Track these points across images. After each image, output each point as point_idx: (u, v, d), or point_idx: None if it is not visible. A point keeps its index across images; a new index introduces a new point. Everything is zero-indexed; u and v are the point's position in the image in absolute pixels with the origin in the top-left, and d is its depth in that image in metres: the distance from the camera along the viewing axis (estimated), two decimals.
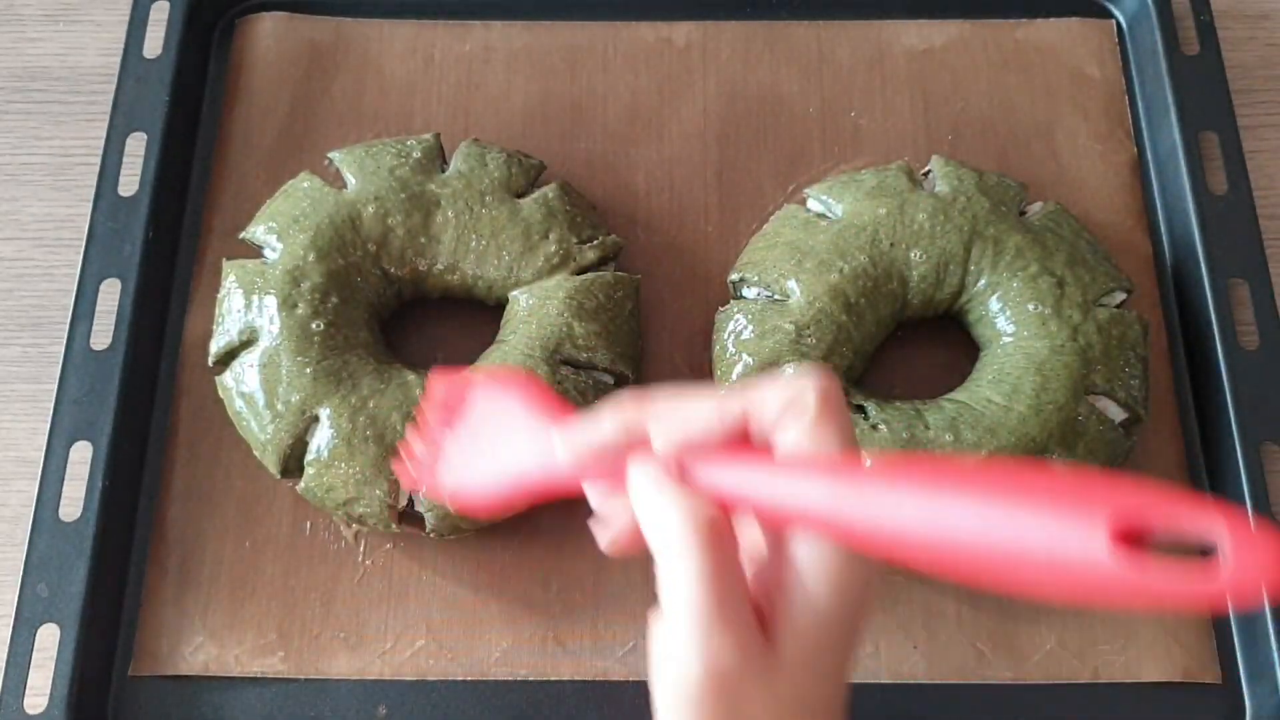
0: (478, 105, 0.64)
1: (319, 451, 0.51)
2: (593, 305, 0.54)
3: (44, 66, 0.67)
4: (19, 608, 0.51)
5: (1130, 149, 0.63)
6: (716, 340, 0.56)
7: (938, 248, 0.55)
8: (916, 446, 0.51)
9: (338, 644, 0.53)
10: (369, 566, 0.54)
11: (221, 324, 0.54)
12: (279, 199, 0.57)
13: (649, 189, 0.62)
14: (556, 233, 0.56)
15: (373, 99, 0.64)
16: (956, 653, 0.52)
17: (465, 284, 0.56)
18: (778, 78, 0.65)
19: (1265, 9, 0.68)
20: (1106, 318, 0.53)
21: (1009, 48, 0.66)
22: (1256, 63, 0.67)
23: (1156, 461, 0.56)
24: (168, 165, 0.61)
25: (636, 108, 0.64)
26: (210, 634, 0.53)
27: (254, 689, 0.52)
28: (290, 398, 0.51)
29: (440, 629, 0.53)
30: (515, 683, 0.52)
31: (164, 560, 0.54)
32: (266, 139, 0.63)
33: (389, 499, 0.51)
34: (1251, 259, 0.58)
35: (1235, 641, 0.53)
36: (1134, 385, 0.53)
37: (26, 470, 0.56)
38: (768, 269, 0.55)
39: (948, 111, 0.64)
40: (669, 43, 0.66)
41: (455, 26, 0.66)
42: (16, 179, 0.64)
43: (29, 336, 0.60)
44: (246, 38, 0.66)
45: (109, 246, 0.58)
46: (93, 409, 0.54)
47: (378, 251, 0.55)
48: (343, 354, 0.52)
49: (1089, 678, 0.52)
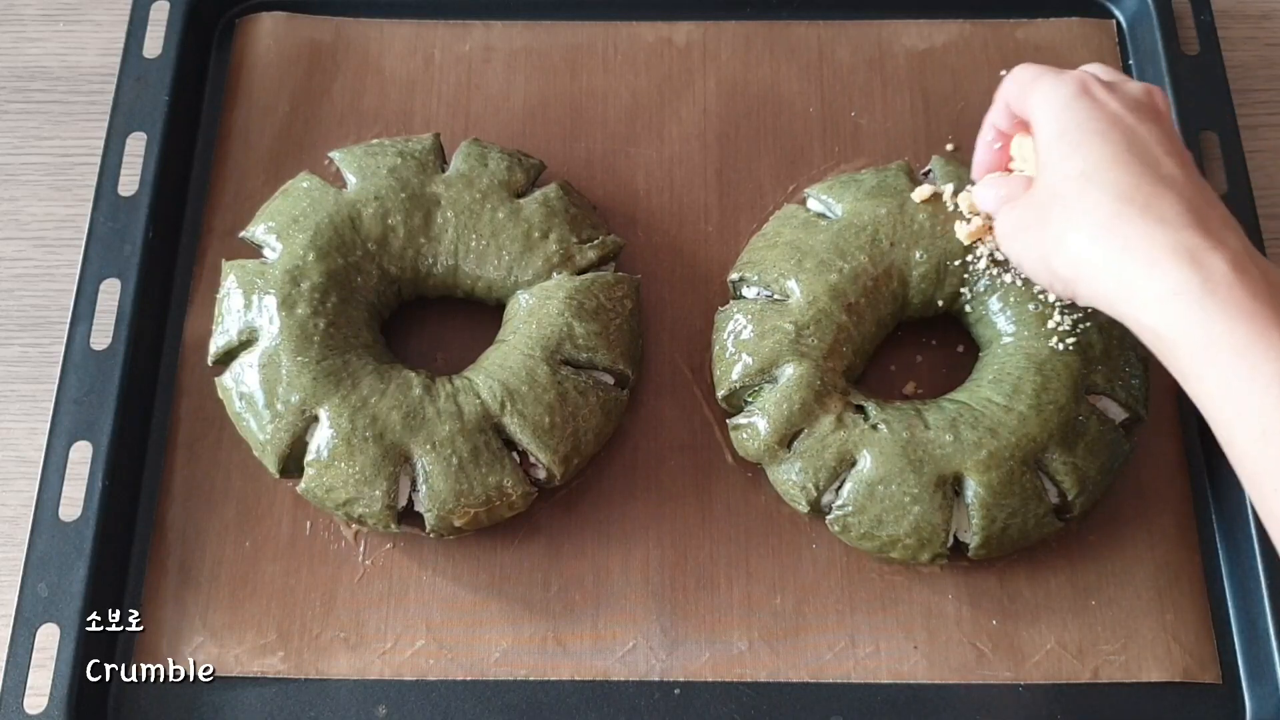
0: (478, 105, 0.64)
1: (319, 451, 0.51)
2: (593, 305, 0.54)
3: (44, 66, 0.67)
4: (19, 608, 0.51)
5: None
6: (716, 340, 0.56)
7: (938, 248, 0.55)
8: (916, 446, 0.51)
9: (338, 644, 0.53)
10: (369, 566, 0.54)
11: (221, 324, 0.54)
12: (279, 198, 0.57)
13: (649, 189, 0.62)
14: (557, 233, 0.56)
15: (373, 99, 0.64)
16: (956, 653, 0.52)
17: (465, 284, 0.56)
18: (778, 78, 0.65)
19: (1265, 9, 0.68)
20: (1107, 318, 0.53)
21: (1009, 48, 0.66)
22: (1256, 63, 0.67)
23: (1157, 461, 0.56)
24: (168, 165, 0.61)
25: (636, 108, 0.64)
26: (210, 634, 0.53)
27: (254, 689, 0.52)
28: (290, 397, 0.51)
29: (440, 629, 0.53)
30: (515, 683, 0.52)
31: (164, 560, 0.54)
32: (266, 139, 0.63)
33: (389, 499, 0.51)
34: None
35: (1235, 641, 0.53)
36: (1134, 385, 0.53)
37: (26, 470, 0.57)
38: (767, 269, 0.55)
39: (948, 111, 0.64)
40: (669, 43, 0.66)
41: (455, 26, 0.66)
42: (16, 179, 0.64)
43: (29, 336, 0.60)
44: (246, 38, 0.66)
45: (109, 246, 0.58)
46: (93, 409, 0.54)
47: (378, 251, 0.55)
48: (343, 354, 0.52)
49: (1089, 678, 0.52)
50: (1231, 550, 0.54)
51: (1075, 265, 0.45)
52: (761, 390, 0.53)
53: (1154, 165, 0.44)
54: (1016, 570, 0.54)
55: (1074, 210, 0.44)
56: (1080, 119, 0.46)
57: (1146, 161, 0.44)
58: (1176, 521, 0.55)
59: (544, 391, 0.52)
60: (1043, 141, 0.47)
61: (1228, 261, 0.41)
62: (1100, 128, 0.45)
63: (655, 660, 0.52)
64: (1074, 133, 0.45)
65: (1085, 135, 0.45)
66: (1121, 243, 0.43)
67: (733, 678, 0.52)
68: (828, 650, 0.52)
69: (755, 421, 0.52)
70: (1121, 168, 0.44)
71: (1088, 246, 0.44)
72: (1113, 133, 0.45)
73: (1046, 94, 0.47)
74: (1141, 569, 0.54)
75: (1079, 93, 0.46)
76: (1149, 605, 0.53)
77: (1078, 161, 0.45)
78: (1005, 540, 0.51)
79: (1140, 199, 0.43)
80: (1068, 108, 0.46)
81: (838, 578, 0.54)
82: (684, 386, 0.58)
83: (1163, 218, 0.42)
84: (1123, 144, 0.44)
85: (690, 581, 0.54)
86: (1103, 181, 0.44)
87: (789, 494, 0.53)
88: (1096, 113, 0.46)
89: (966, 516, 0.51)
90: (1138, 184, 0.43)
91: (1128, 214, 0.43)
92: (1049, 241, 0.46)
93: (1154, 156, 0.44)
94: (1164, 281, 0.41)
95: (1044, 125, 0.47)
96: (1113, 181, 0.44)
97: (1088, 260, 0.44)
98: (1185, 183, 0.44)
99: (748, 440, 0.53)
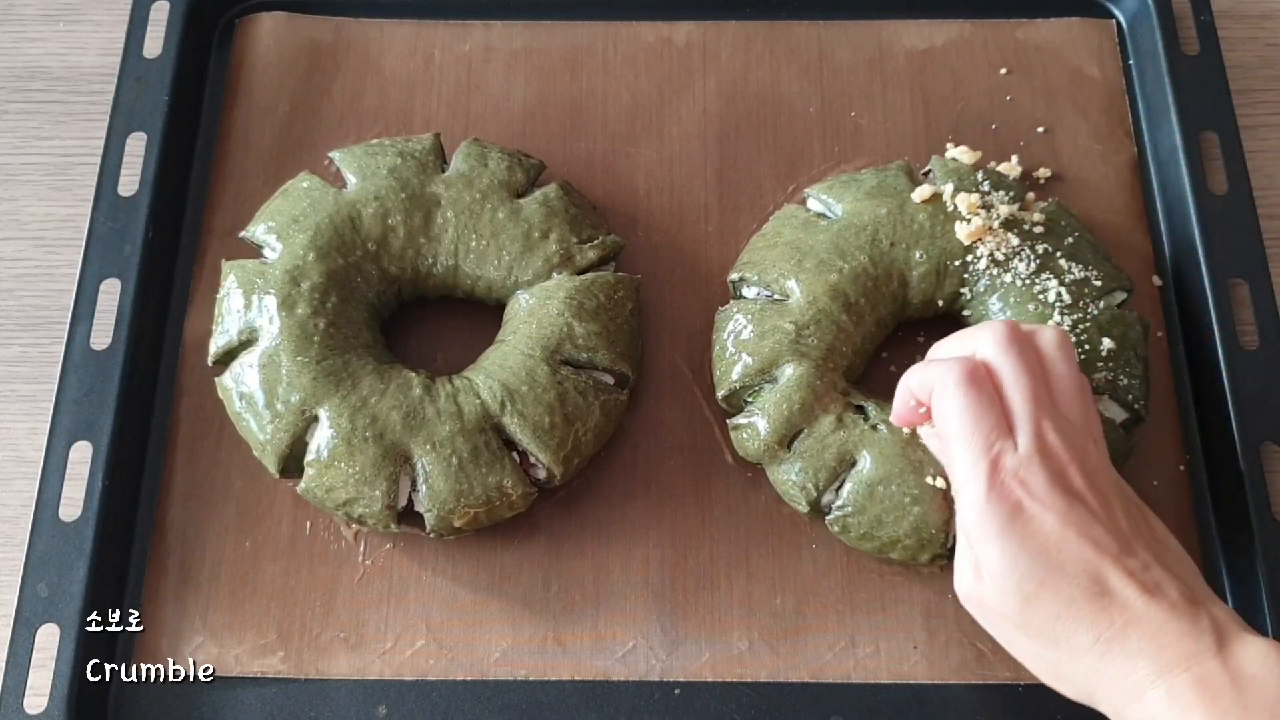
0: (478, 105, 0.64)
1: (319, 452, 0.51)
2: (593, 305, 0.54)
3: (44, 66, 0.67)
4: (19, 608, 0.51)
5: (1130, 149, 0.63)
6: (716, 340, 0.56)
7: (938, 248, 0.55)
8: (917, 447, 0.51)
9: (338, 644, 0.53)
10: (369, 566, 0.54)
11: (221, 324, 0.54)
12: (279, 198, 0.57)
13: (649, 189, 0.62)
14: (557, 233, 0.56)
15: (373, 99, 0.64)
16: (956, 653, 0.52)
17: (465, 284, 0.56)
18: (778, 78, 0.65)
19: (1265, 9, 0.68)
20: (1107, 318, 0.53)
21: (1009, 48, 0.66)
22: (1256, 63, 0.67)
23: (1157, 461, 0.56)
24: (168, 165, 0.61)
25: (636, 108, 0.64)
26: (210, 634, 0.53)
27: (254, 689, 0.52)
28: (290, 398, 0.51)
29: (440, 629, 0.53)
30: (515, 683, 0.52)
31: (164, 560, 0.54)
32: (266, 139, 0.63)
33: (389, 499, 0.51)
34: (1251, 259, 0.58)
35: None
36: (1135, 385, 0.53)
37: (26, 470, 0.57)
38: (767, 269, 0.55)
39: (948, 111, 0.64)
40: (669, 43, 0.66)
41: (455, 26, 0.66)
42: (16, 179, 0.64)
43: (29, 336, 0.60)
44: (246, 38, 0.66)
45: (109, 246, 0.58)
46: (93, 409, 0.54)
47: (378, 251, 0.55)
48: (342, 354, 0.52)
49: None
50: (1231, 550, 0.54)
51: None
52: (761, 390, 0.53)
53: (1098, 579, 0.41)
54: None
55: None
56: (1007, 535, 0.42)
57: (1090, 577, 0.41)
58: (1177, 522, 0.55)
59: (544, 392, 0.52)
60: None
61: (1194, 683, 0.39)
62: (1033, 550, 0.41)
63: (655, 660, 0.52)
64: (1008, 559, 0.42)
65: (1023, 564, 0.41)
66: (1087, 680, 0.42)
67: (733, 678, 0.52)
68: (828, 650, 0.52)
69: (755, 422, 0.52)
70: (1071, 608, 0.41)
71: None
72: (1044, 557, 0.41)
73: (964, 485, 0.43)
74: None
75: (991, 490, 0.42)
76: None
77: (1012, 586, 0.42)
78: None
79: (1101, 645, 0.41)
80: (987, 517, 0.42)
81: (838, 578, 0.54)
82: (684, 386, 0.58)
83: (1126, 653, 0.40)
84: (1054, 569, 0.41)
85: (690, 581, 0.54)
86: (1047, 619, 0.42)
87: (789, 494, 0.53)
88: (1025, 528, 0.42)
89: None
90: (1094, 623, 0.41)
91: (1097, 654, 0.41)
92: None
93: (1097, 570, 0.41)
94: (1144, 713, 0.40)
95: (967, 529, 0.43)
96: (1064, 619, 0.41)
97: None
98: (1137, 589, 0.41)
99: (748, 440, 0.53)
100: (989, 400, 0.43)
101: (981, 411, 0.43)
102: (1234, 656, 0.40)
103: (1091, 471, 0.43)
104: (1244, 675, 0.39)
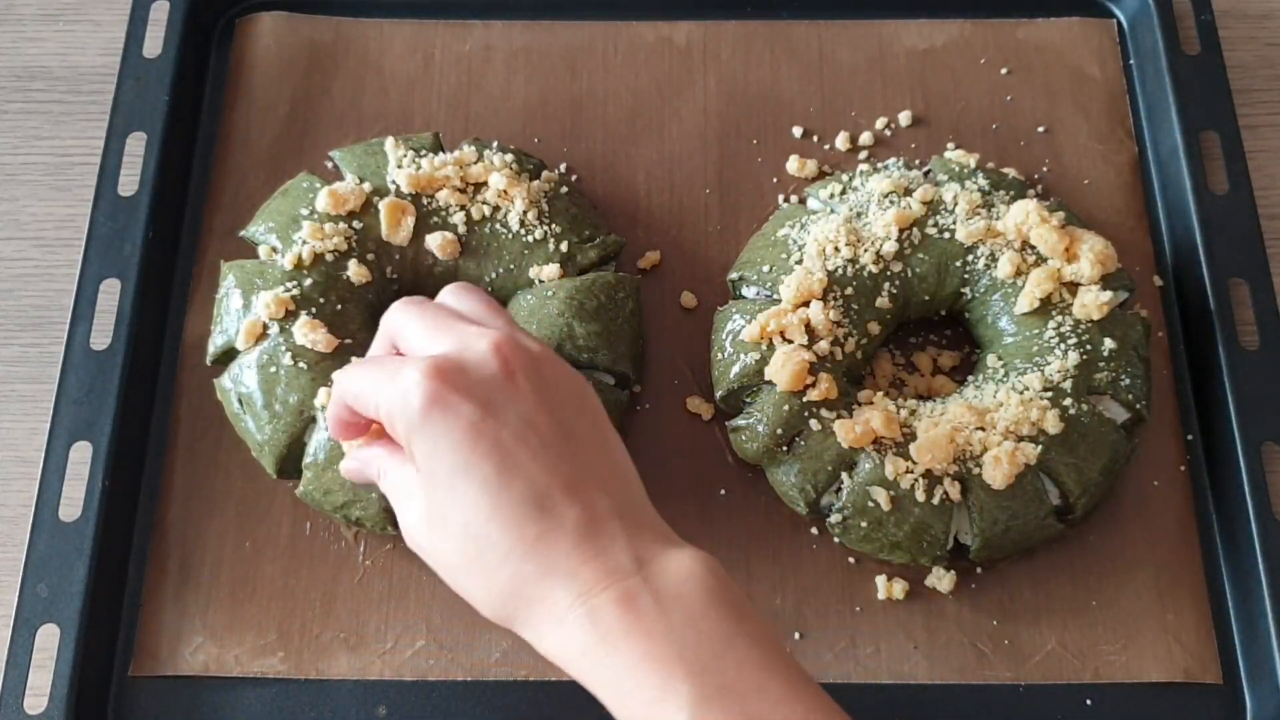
0: (478, 105, 0.64)
1: (316, 454, 0.51)
2: (593, 305, 0.54)
3: (44, 66, 0.67)
4: (19, 608, 0.51)
5: (1131, 149, 0.63)
6: (715, 340, 0.56)
7: (938, 248, 0.55)
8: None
9: (338, 644, 0.53)
10: (369, 567, 0.54)
11: (220, 324, 0.54)
12: (279, 198, 0.57)
13: (649, 189, 0.62)
14: (557, 232, 0.56)
15: (373, 99, 0.64)
16: (956, 653, 0.52)
17: None
18: (778, 78, 0.65)
19: (1266, 9, 0.68)
20: (1109, 318, 0.53)
21: (1009, 48, 0.65)
22: (1257, 63, 0.67)
23: (1158, 462, 0.56)
24: (168, 165, 0.61)
25: (636, 108, 0.64)
26: (210, 634, 0.53)
27: (254, 689, 0.52)
28: (288, 398, 0.51)
29: (440, 629, 0.53)
30: (515, 683, 0.52)
31: (164, 560, 0.54)
32: (266, 139, 0.63)
33: (385, 502, 0.50)
34: (1252, 259, 0.58)
35: (1235, 641, 0.53)
36: (1136, 385, 0.53)
37: (26, 470, 0.56)
38: (766, 268, 0.55)
39: (948, 111, 0.64)
40: (669, 43, 0.66)
41: (455, 26, 0.66)
42: (16, 179, 0.64)
43: (29, 336, 0.60)
44: (246, 38, 0.66)
45: (109, 246, 0.58)
46: (93, 409, 0.54)
47: (377, 251, 0.55)
48: (341, 354, 0.52)
49: (1089, 678, 0.52)
50: (1232, 550, 0.54)
51: None
52: (760, 391, 0.53)
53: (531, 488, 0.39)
54: (1017, 571, 0.54)
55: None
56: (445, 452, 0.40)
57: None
58: (1177, 522, 0.55)
59: None
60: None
61: (616, 600, 0.37)
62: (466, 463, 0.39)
63: None
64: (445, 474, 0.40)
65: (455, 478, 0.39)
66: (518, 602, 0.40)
67: None
68: (828, 650, 0.52)
69: (754, 423, 0.52)
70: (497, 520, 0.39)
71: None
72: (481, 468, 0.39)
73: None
74: (1142, 569, 0.54)
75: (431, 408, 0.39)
76: (1149, 606, 0.53)
77: (455, 510, 0.40)
78: (1006, 542, 0.51)
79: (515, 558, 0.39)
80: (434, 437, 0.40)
81: (838, 578, 0.54)
82: (684, 386, 0.58)
83: (542, 571, 0.38)
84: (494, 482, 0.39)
85: None
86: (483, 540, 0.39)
87: (788, 496, 0.53)
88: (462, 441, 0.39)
89: (967, 518, 0.51)
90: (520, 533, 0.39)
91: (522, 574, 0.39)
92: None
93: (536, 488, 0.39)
94: (569, 640, 0.39)
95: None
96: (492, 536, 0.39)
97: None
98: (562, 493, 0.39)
99: (746, 442, 0.53)
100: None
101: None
102: (657, 574, 0.38)
103: (528, 370, 0.41)
104: (667, 590, 0.38)
